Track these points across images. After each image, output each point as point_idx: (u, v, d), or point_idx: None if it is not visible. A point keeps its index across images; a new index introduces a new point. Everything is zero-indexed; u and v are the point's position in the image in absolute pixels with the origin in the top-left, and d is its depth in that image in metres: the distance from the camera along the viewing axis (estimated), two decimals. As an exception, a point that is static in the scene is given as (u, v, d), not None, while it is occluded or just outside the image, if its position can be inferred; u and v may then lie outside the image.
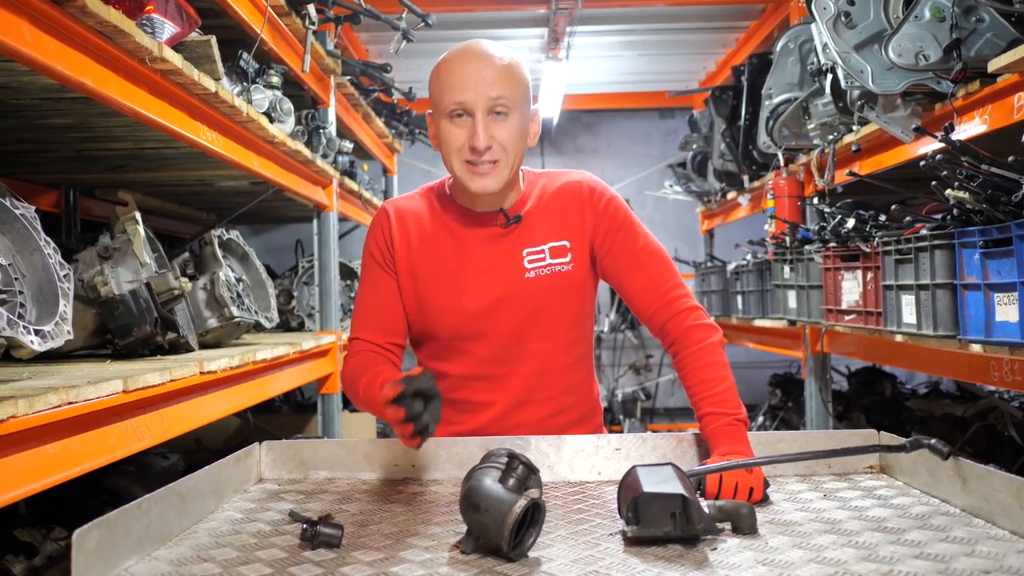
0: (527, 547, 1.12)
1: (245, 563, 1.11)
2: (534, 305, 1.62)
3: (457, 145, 1.55)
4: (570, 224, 1.64)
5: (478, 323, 1.63)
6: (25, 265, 1.82)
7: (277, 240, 6.50)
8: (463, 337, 1.64)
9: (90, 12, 1.56)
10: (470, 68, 1.54)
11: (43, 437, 1.48)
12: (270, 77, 2.91)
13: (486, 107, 1.53)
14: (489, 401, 1.66)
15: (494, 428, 1.66)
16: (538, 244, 1.64)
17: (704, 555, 1.11)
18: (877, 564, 1.05)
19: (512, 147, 1.56)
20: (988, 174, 2.00)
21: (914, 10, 2.34)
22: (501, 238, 1.64)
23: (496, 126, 1.54)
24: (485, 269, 1.63)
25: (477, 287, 1.62)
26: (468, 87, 1.52)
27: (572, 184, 1.67)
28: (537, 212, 1.65)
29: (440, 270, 1.64)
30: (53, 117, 2.31)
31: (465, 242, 1.64)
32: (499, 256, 1.63)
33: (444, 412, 1.54)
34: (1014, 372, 2.21)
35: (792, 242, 3.70)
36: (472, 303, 1.62)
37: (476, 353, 1.64)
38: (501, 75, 1.54)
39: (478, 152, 1.53)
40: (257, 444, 1.60)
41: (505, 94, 1.53)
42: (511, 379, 1.65)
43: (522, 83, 1.58)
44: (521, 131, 1.57)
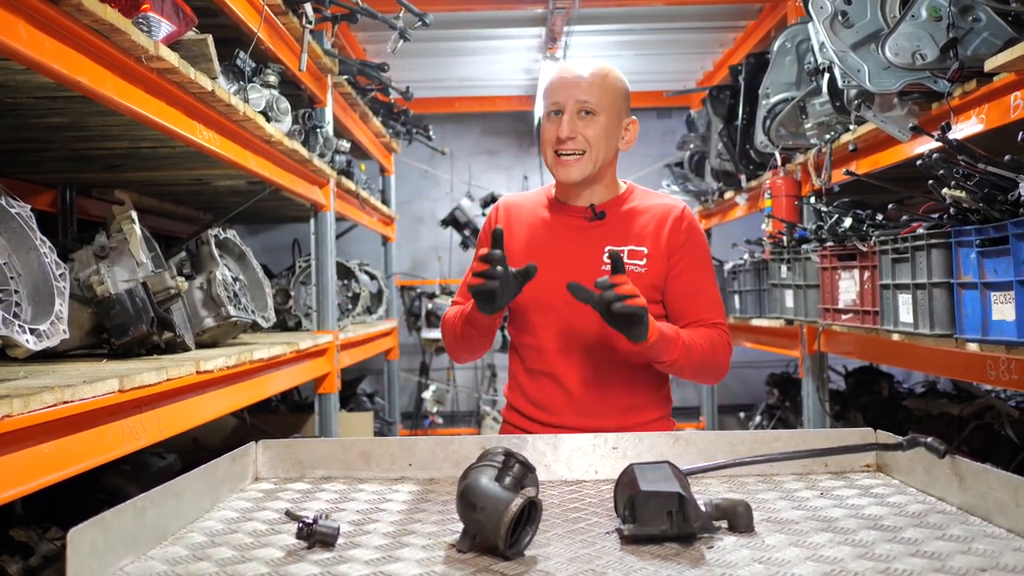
0: (524, 546, 1.11)
1: (241, 562, 1.10)
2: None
3: (549, 137, 1.78)
4: (654, 237, 1.82)
5: (551, 298, 1.80)
6: (21, 264, 1.82)
7: (274, 239, 6.50)
8: (538, 310, 1.84)
9: (86, 10, 1.55)
10: (566, 76, 1.78)
11: (38, 436, 1.48)
12: (267, 76, 2.91)
13: (574, 108, 1.75)
14: (556, 374, 1.83)
15: (557, 398, 1.83)
16: (619, 244, 1.81)
17: (701, 553, 1.11)
18: (874, 562, 1.05)
19: (597, 143, 1.76)
20: (985, 173, 2.00)
21: (911, 9, 2.34)
22: (588, 231, 1.84)
23: (583, 123, 1.76)
24: (568, 254, 1.82)
25: (557, 268, 1.79)
26: (561, 90, 1.77)
27: (669, 205, 1.86)
28: (627, 217, 1.85)
29: (529, 250, 1.85)
30: (49, 116, 2.31)
31: (554, 230, 1.86)
32: (583, 245, 1.83)
33: (521, 379, 1.88)
34: (1011, 371, 2.21)
35: (789, 241, 3.70)
36: (550, 281, 1.78)
37: (547, 327, 1.83)
38: (590, 83, 1.77)
39: (563, 141, 1.75)
40: (253, 443, 1.60)
41: (591, 98, 1.76)
42: (576, 355, 1.82)
43: (611, 91, 1.79)
44: (608, 131, 1.77)
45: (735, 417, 6.47)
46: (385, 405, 5.98)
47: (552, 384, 1.84)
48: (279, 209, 4.64)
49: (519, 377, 1.91)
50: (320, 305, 3.74)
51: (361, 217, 4.78)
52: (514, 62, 6.04)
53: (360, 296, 4.55)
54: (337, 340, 3.76)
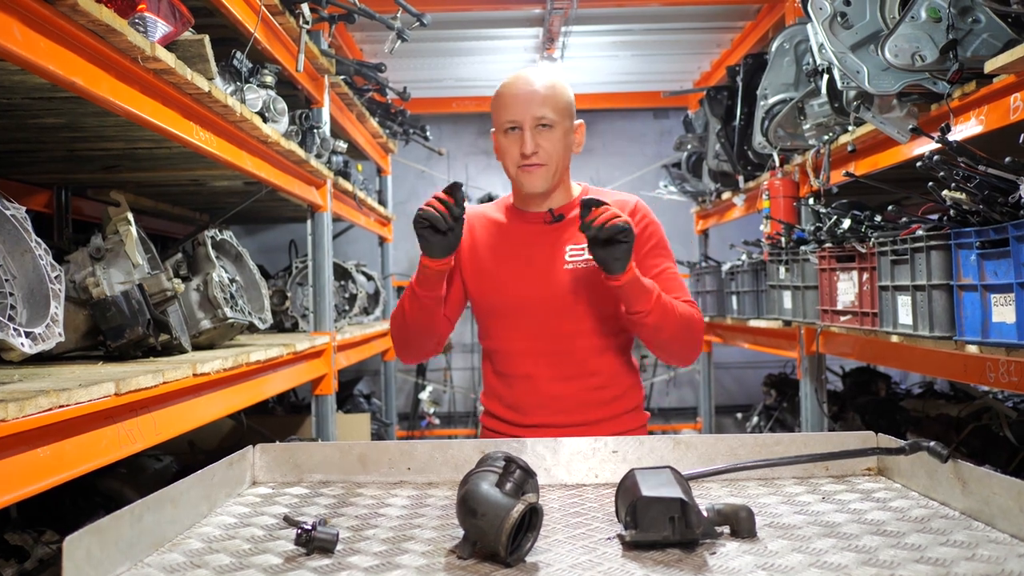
0: (525, 552, 1.10)
1: (239, 569, 1.09)
2: (570, 292, 1.86)
3: (511, 154, 1.84)
4: None
5: (518, 301, 1.88)
6: (16, 266, 1.81)
7: (272, 240, 6.48)
8: (507, 315, 1.90)
9: (81, 11, 1.54)
10: (520, 91, 1.83)
11: (34, 441, 1.46)
12: (264, 77, 2.89)
13: (532, 122, 1.81)
14: (528, 374, 1.88)
15: (532, 400, 1.88)
16: (580, 243, 1.85)
17: (703, 559, 1.10)
18: (878, 568, 1.04)
19: (554, 152, 1.83)
20: (984, 175, 1.99)
21: (910, 10, 2.33)
22: (549, 234, 1.90)
23: (541, 136, 1.82)
24: (531, 258, 1.89)
25: (522, 273, 1.88)
26: (517, 106, 1.82)
27: (623, 201, 1.92)
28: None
29: (494, 257, 1.91)
30: (44, 116, 2.29)
31: (516, 236, 1.92)
32: (545, 248, 1.89)
33: (493, 383, 1.94)
34: (1010, 373, 2.21)
35: (787, 242, 3.69)
36: (516, 284, 1.88)
37: (517, 331, 1.89)
38: (545, 97, 1.82)
39: (526, 156, 1.81)
40: (251, 447, 1.59)
41: (547, 112, 1.81)
42: (547, 357, 1.87)
43: (563, 102, 1.85)
44: (562, 140, 1.85)
45: (732, 418, 6.47)
46: (382, 406, 5.97)
47: (525, 385, 1.89)
48: (276, 210, 4.63)
49: (492, 382, 1.96)
50: (317, 306, 3.72)
51: (358, 218, 4.77)
52: (512, 62, 6.03)
53: (357, 297, 4.53)
54: (334, 341, 3.74)
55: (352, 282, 4.57)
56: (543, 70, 1.89)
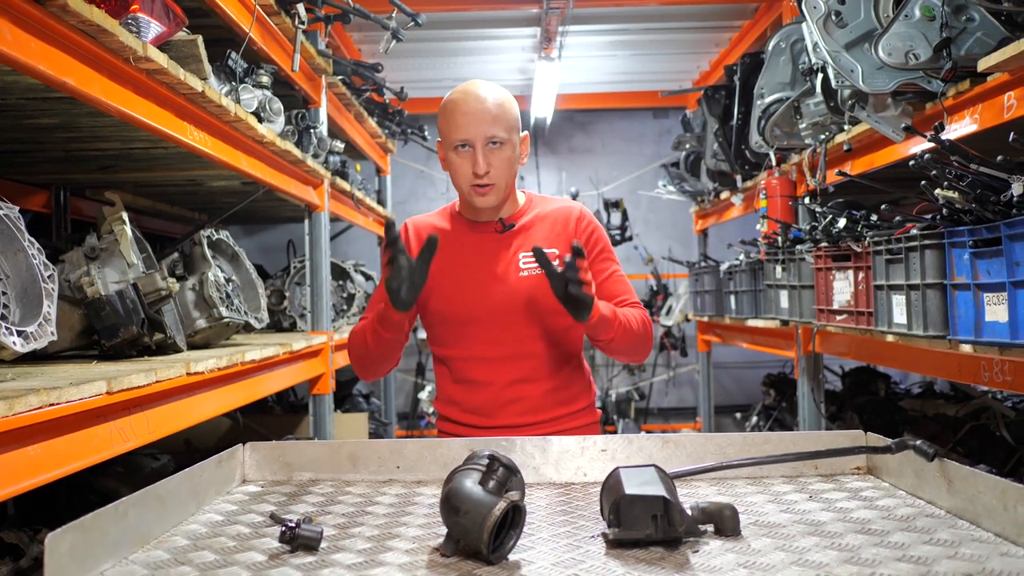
0: (507, 549, 1.11)
1: (223, 566, 1.10)
2: (525, 299, 1.89)
3: (464, 172, 1.86)
4: (560, 239, 1.94)
5: (474, 309, 1.90)
6: (8, 266, 1.81)
7: (271, 240, 6.49)
8: (464, 323, 1.91)
9: (72, 11, 1.55)
10: (471, 109, 1.83)
11: (24, 439, 1.47)
12: (259, 77, 2.90)
13: (484, 141, 1.83)
14: (488, 380, 1.91)
15: (493, 404, 1.91)
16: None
17: (685, 557, 1.10)
18: (859, 567, 1.04)
19: (505, 172, 1.86)
20: (977, 173, 1.99)
21: (904, 9, 2.33)
22: (500, 243, 1.93)
23: (492, 155, 1.84)
24: (485, 267, 1.91)
25: (477, 281, 1.91)
26: (470, 126, 1.83)
27: (567, 208, 1.99)
28: (533, 225, 1.96)
29: (447, 267, 1.91)
30: (39, 117, 2.30)
31: (469, 245, 1.94)
32: (497, 257, 1.92)
33: (450, 391, 1.96)
34: (1004, 372, 2.20)
35: (784, 242, 3.69)
36: (472, 294, 1.90)
37: (475, 338, 1.91)
38: (496, 115, 1.84)
39: (479, 176, 1.84)
40: (241, 445, 1.59)
41: (499, 131, 1.83)
42: (506, 362, 1.91)
43: (512, 118, 1.87)
44: (512, 158, 1.88)
45: (731, 417, 6.47)
46: (381, 406, 5.98)
47: (485, 390, 1.91)
48: (274, 210, 4.63)
49: (448, 389, 1.97)
50: (314, 306, 3.73)
51: (356, 217, 4.77)
52: (509, 62, 6.04)
53: (355, 297, 4.54)
54: (331, 341, 3.75)
55: (350, 282, 4.57)
56: (490, 85, 1.89)
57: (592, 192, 7.25)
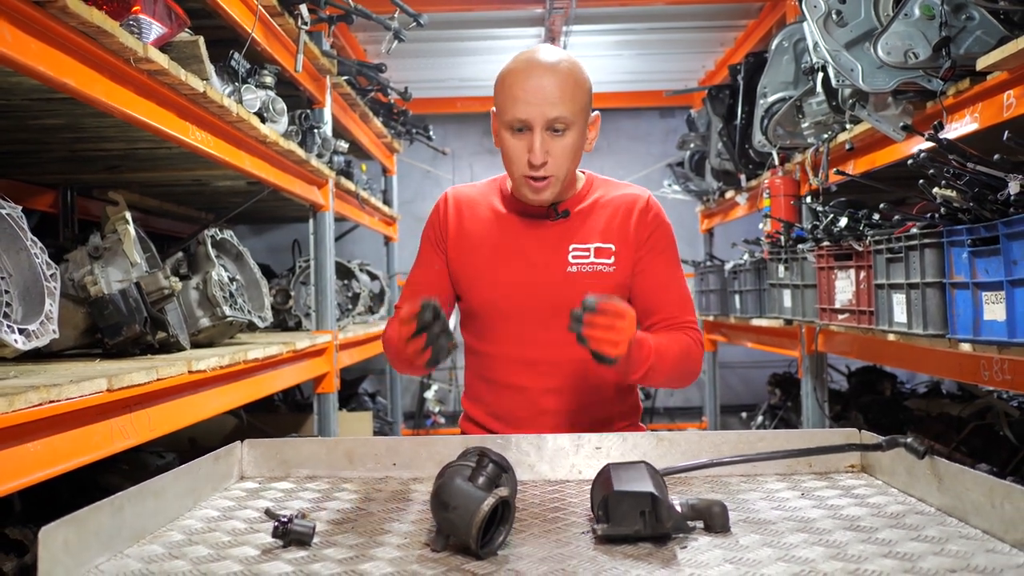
0: (496, 545, 1.12)
1: (216, 560, 1.11)
2: (570, 297, 1.60)
3: (517, 157, 1.62)
4: (620, 232, 1.71)
5: (514, 303, 1.70)
6: (11, 265, 1.84)
7: (278, 240, 6.52)
8: (500, 317, 1.72)
9: (72, 12, 1.56)
10: (532, 84, 1.57)
11: (25, 435, 1.49)
12: (263, 77, 2.92)
13: (544, 124, 1.58)
14: (520, 385, 1.73)
15: (523, 411, 1.72)
16: (585, 242, 1.70)
17: (673, 553, 1.11)
18: (844, 563, 1.04)
19: (566, 162, 1.62)
20: (975, 172, 1.99)
21: (903, 8, 2.33)
22: (550, 231, 1.71)
23: (553, 142, 1.60)
24: (530, 256, 1.70)
25: (519, 270, 1.70)
26: (530, 104, 1.57)
27: (633, 196, 1.75)
28: (590, 213, 1.72)
29: (488, 250, 1.72)
30: (44, 118, 2.33)
31: (515, 229, 1.72)
32: (545, 247, 1.71)
33: (478, 388, 1.77)
34: (1003, 371, 2.20)
35: (787, 241, 3.69)
36: (511, 284, 1.70)
37: (510, 335, 1.72)
38: (562, 92, 1.57)
39: (535, 167, 1.60)
40: (239, 442, 1.61)
41: (564, 113, 1.58)
42: (543, 366, 1.71)
43: (582, 95, 1.61)
44: (576, 145, 1.63)
45: (737, 417, 6.46)
46: (387, 405, 5.99)
47: (516, 396, 1.73)
48: (280, 209, 4.66)
49: (477, 387, 1.79)
50: (319, 305, 3.75)
51: (362, 217, 4.79)
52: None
53: (360, 296, 4.56)
54: (336, 340, 3.77)
55: (355, 281, 4.59)
56: (558, 52, 1.62)
57: (598, 192, 7.25)
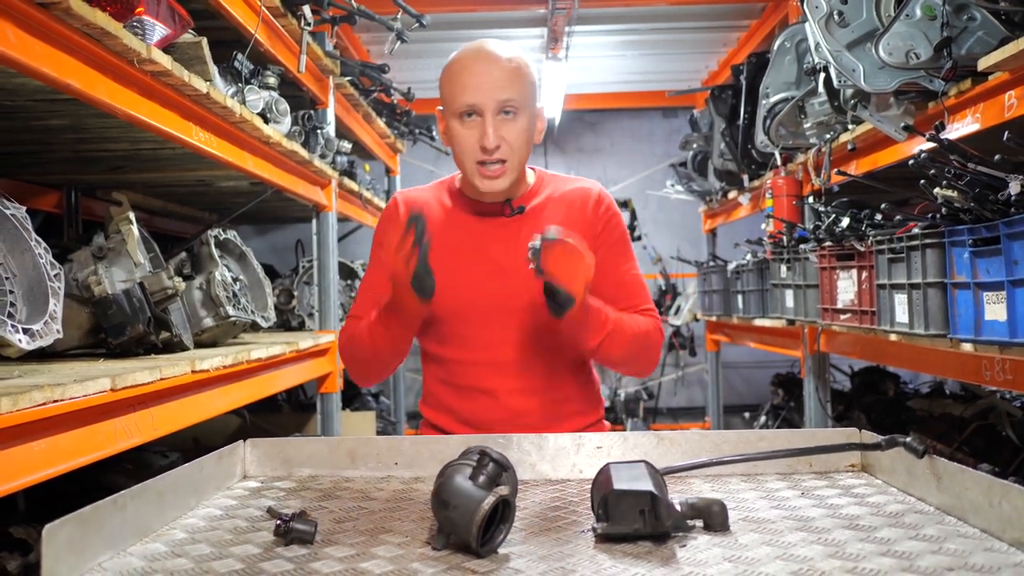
0: (497, 544, 1.12)
1: (217, 559, 1.12)
2: (536, 294, 1.63)
3: (468, 145, 1.60)
4: (577, 225, 1.68)
5: (479, 306, 1.68)
6: (15, 265, 1.85)
7: (282, 240, 6.54)
8: (464, 321, 1.70)
9: (75, 14, 1.57)
10: (480, 69, 1.58)
11: (28, 434, 1.50)
12: (266, 78, 2.93)
13: (495, 108, 1.58)
14: (490, 388, 1.71)
15: (494, 415, 1.70)
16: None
17: (672, 552, 1.11)
18: (842, 561, 1.05)
19: (519, 147, 1.62)
20: (975, 173, 2.00)
21: (905, 8, 2.33)
22: (507, 228, 1.70)
23: (505, 127, 1.59)
24: (491, 256, 1.69)
25: (481, 272, 1.68)
26: (480, 89, 1.57)
27: (584, 189, 1.75)
28: (544, 208, 1.72)
29: (445, 254, 1.67)
30: (48, 118, 2.34)
31: (472, 230, 1.70)
32: (505, 245, 1.69)
33: (443, 396, 1.75)
34: (1005, 371, 2.20)
35: (789, 241, 3.69)
36: (475, 286, 1.68)
37: (478, 338, 1.70)
38: (510, 76, 1.59)
39: (488, 151, 1.58)
40: (241, 442, 1.61)
41: (514, 96, 1.58)
42: (511, 367, 1.70)
43: (530, 83, 1.63)
44: (528, 131, 1.63)
45: (740, 417, 6.46)
46: (390, 405, 6.00)
47: (485, 400, 1.71)
48: (284, 210, 4.67)
49: (441, 395, 1.76)
50: (322, 305, 3.76)
51: (365, 217, 4.80)
52: (518, 62, 6.04)
53: (363, 296, 4.56)
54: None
55: (358, 281, 4.60)
56: (504, 44, 1.63)
57: (601, 192, 7.25)
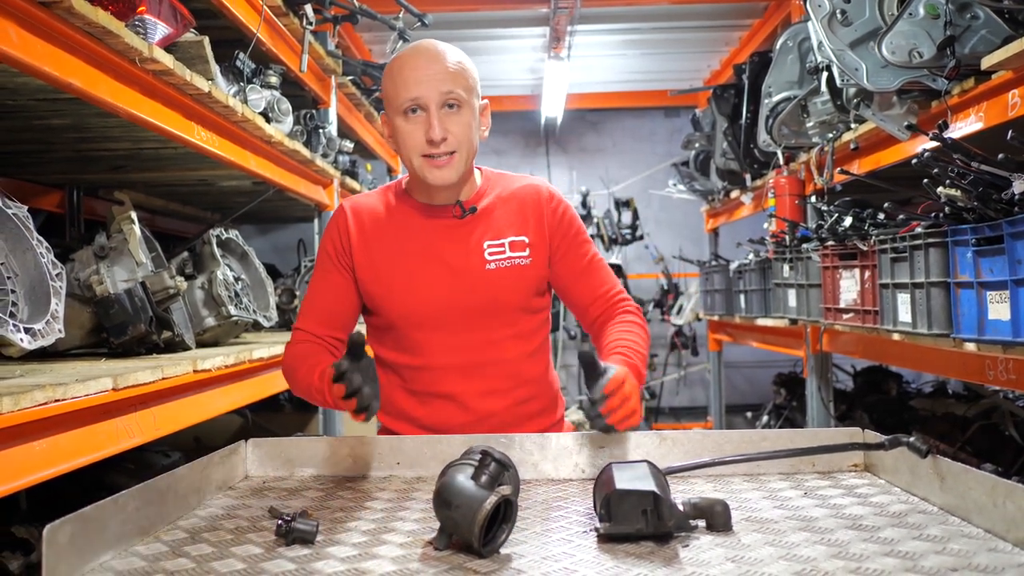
0: (499, 543, 1.12)
1: (219, 559, 1.12)
2: (494, 295, 1.68)
3: (414, 140, 1.61)
4: (529, 222, 1.72)
5: (436, 310, 1.68)
6: (17, 264, 1.84)
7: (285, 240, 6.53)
8: (423, 326, 1.69)
9: (77, 13, 1.57)
10: (421, 64, 1.60)
11: (30, 434, 1.49)
12: (268, 77, 2.93)
13: (439, 101, 1.59)
14: (451, 393, 1.71)
15: (459, 419, 1.70)
16: (498, 237, 1.70)
17: (675, 551, 1.11)
18: (845, 561, 1.05)
19: (465, 139, 1.62)
20: (979, 172, 1.99)
21: (908, 7, 2.33)
22: (460, 230, 1.69)
23: (450, 119, 1.60)
24: (446, 260, 1.68)
25: (438, 276, 1.68)
26: (421, 82, 1.59)
27: (531, 187, 1.76)
28: (496, 207, 1.72)
29: (399, 260, 1.68)
30: (50, 118, 2.34)
31: (424, 234, 1.69)
32: (460, 247, 1.68)
33: (402, 403, 1.74)
34: (1008, 371, 2.20)
35: (791, 241, 3.69)
36: (432, 291, 1.67)
37: (436, 343, 1.69)
38: (451, 70, 1.61)
39: (435, 143, 1.59)
40: (243, 441, 1.61)
41: (456, 88, 1.60)
42: (473, 369, 1.70)
43: (470, 78, 1.65)
44: (472, 125, 1.64)
45: (743, 417, 6.45)
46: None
47: (448, 405, 1.70)
48: (286, 209, 4.66)
49: (400, 402, 1.74)
50: (324, 305, 3.75)
51: (367, 217, 4.79)
52: (519, 62, 6.05)
53: (365, 296, 4.56)
54: (340, 339, 3.77)
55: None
56: (443, 44, 1.66)
57: (603, 191, 7.25)
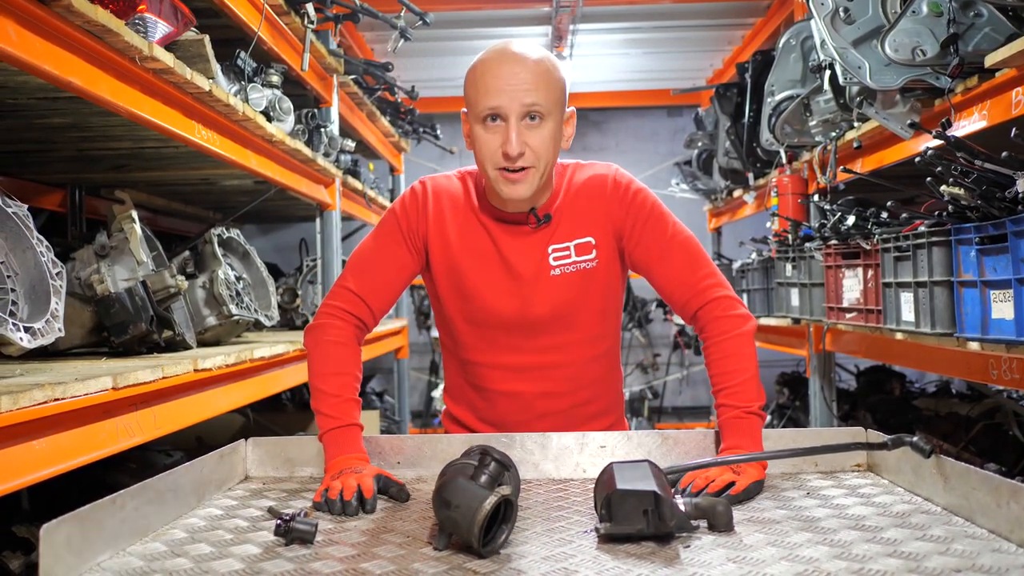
0: (499, 544, 1.11)
1: (218, 559, 1.11)
2: (559, 302, 1.63)
3: (490, 150, 1.53)
4: (595, 219, 1.64)
5: (500, 315, 1.65)
6: (17, 263, 1.84)
7: (287, 239, 6.53)
8: (486, 327, 1.67)
9: (76, 11, 1.57)
10: (504, 71, 1.51)
11: (29, 433, 1.49)
12: (269, 76, 2.92)
13: (520, 113, 1.50)
14: (513, 391, 1.68)
15: (517, 416, 1.69)
16: (563, 241, 1.64)
17: (676, 552, 1.10)
18: (848, 562, 1.04)
19: (545, 154, 1.54)
20: (982, 170, 1.98)
21: (911, 5, 2.32)
22: (528, 236, 1.64)
23: (529, 132, 1.52)
24: (515, 268, 1.64)
25: (502, 280, 1.64)
26: (503, 92, 1.50)
27: (598, 178, 1.66)
28: (564, 208, 1.65)
29: (471, 260, 1.65)
30: (51, 117, 2.33)
31: (496, 239, 1.64)
32: (526, 254, 1.64)
33: (469, 394, 1.72)
34: (1012, 370, 2.18)
35: (794, 240, 3.68)
36: (500, 297, 1.64)
37: (503, 344, 1.67)
38: (536, 79, 1.51)
39: (511, 158, 1.51)
40: (243, 441, 1.61)
41: (539, 100, 1.51)
42: (536, 371, 1.68)
43: (557, 86, 1.55)
44: (555, 137, 1.55)
45: (746, 417, 6.43)
46: (394, 404, 6.00)
47: (510, 403, 1.69)
48: (288, 209, 4.66)
49: (465, 392, 1.74)
50: (326, 304, 3.75)
51: (369, 216, 4.79)
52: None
53: (367, 295, 4.55)
54: (342, 339, 3.76)
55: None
56: (531, 45, 1.56)
57: (606, 191, 7.23)
